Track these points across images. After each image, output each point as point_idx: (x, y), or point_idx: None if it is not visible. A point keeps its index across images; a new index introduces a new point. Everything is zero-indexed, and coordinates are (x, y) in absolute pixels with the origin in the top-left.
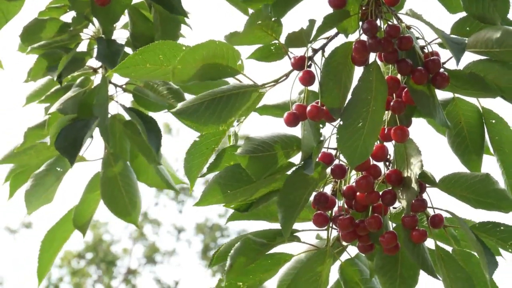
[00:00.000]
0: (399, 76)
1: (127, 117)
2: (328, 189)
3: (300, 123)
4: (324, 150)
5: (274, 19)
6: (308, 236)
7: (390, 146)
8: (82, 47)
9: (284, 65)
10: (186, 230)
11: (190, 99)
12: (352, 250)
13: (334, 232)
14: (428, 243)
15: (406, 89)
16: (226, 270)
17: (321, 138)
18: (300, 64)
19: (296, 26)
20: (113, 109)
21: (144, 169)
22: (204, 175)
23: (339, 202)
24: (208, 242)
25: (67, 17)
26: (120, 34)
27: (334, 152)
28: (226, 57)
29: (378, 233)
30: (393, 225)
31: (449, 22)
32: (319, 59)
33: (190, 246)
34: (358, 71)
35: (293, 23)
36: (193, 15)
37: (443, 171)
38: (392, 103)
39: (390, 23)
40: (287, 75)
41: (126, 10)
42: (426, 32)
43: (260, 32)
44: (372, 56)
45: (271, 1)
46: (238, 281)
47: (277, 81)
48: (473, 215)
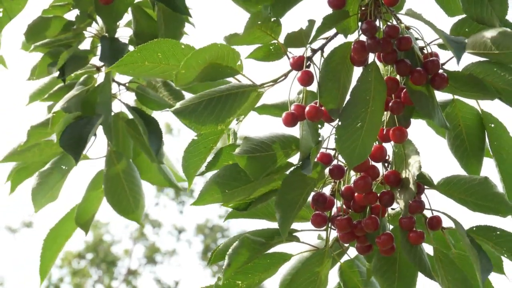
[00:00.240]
0: (398, 77)
1: (130, 116)
2: (328, 190)
3: (299, 123)
4: (323, 151)
5: (274, 19)
6: (311, 236)
7: (389, 147)
8: (86, 45)
9: (283, 65)
10: (187, 231)
11: (189, 98)
12: (353, 252)
13: (335, 233)
14: (426, 245)
15: (405, 90)
16: (224, 269)
17: (320, 139)
18: (299, 64)
19: (295, 26)
20: (116, 107)
21: (147, 167)
22: (202, 174)
23: (338, 203)
24: (209, 243)
25: (71, 15)
26: (123, 32)
27: (333, 153)
28: (226, 58)
29: (376, 234)
30: (391, 227)
31: (447, 26)
32: (318, 59)
33: (191, 247)
34: (357, 72)
35: (292, 23)
36: (196, 13)
37: (444, 174)
38: (391, 104)
39: (389, 24)
40: (286, 75)
41: (130, 8)
42: (426, 33)
43: (259, 32)
44: (371, 57)
45: (271, 2)
46: (237, 280)
47: (276, 81)
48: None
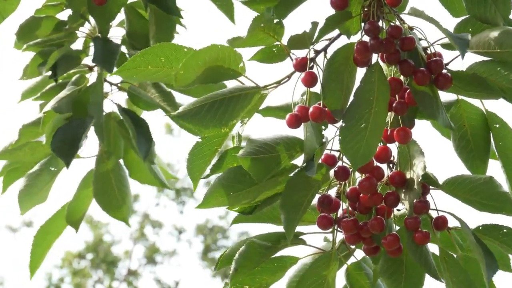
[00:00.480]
0: (402, 77)
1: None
2: (333, 192)
3: (303, 125)
4: (327, 152)
5: (276, 21)
6: (318, 239)
7: (394, 148)
8: (78, 45)
9: (286, 67)
10: (187, 231)
11: (191, 102)
12: (360, 254)
13: (341, 235)
14: (432, 246)
15: (409, 90)
16: (231, 274)
17: (324, 140)
18: (302, 66)
19: (298, 28)
20: (108, 107)
21: (137, 167)
22: (207, 177)
23: (344, 205)
24: (209, 243)
25: (63, 15)
26: (116, 32)
27: (338, 154)
28: (228, 60)
29: (382, 235)
30: (397, 228)
31: (451, 27)
32: (321, 61)
33: (191, 247)
34: (361, 72)
35: (295, 25)
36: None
37: (449, 175)
38: (395, 104)
39: (392, 24)
40: (289, 77)
41: (122, 9)
42: (429, 33)
43: (262, 34)
44: (375, 57)
45: (273, 4)
46: (244, 284)
47: (279, 83)
48: (479, 218)
